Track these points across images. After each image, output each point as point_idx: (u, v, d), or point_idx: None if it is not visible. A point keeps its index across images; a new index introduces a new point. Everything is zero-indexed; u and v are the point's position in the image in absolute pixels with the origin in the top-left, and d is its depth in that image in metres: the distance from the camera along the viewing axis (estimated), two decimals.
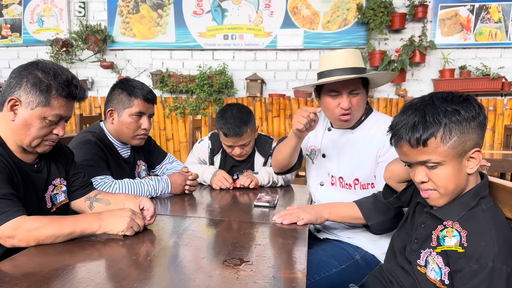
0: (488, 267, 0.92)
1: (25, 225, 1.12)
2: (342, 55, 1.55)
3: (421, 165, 1.04)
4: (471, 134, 1.00)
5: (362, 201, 1.52)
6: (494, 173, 3.59)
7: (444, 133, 0.98)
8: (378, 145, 1.55)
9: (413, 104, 1.05)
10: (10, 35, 5.23)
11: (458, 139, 0.99)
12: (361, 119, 1.63)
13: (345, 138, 1.65)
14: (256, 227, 1.39)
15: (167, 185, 1.80)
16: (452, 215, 1.04)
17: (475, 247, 0.96)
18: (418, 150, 1.02)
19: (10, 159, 1.25)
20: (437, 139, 0.99)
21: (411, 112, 1.03)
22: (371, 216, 1.48)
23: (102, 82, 5.14)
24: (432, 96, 1.04)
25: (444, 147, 0.99)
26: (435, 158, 1.00)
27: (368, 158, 1.58)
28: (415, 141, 1.00)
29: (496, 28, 4.49)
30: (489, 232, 0.96)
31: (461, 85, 4.41)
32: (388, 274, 1.23)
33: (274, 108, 4.77)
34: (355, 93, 1.55)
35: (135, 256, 1.08)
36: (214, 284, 0.92)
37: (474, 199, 1.04)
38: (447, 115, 0.99)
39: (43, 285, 0.90)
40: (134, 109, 1.80)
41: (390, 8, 4.38)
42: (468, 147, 1.01)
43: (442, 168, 1.02)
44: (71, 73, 1.30)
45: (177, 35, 4.94)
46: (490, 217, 1.00)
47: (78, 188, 1.50)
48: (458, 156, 1.01)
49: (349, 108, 1.55)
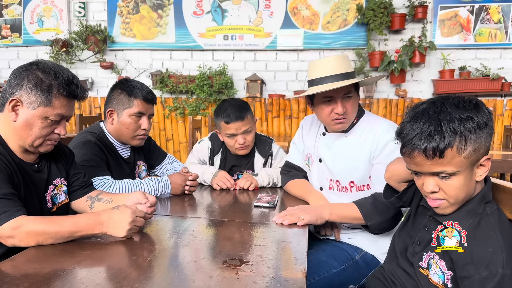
0: (499, 274, 0.91)
1: (25, 225, 1.12)
2: (331, 61, 1.56)
3: (432, 175, 1.00)
4: (484, 142, 0.97)
5: (362, 201, 1.53)
6: (494, 173, 3.59)
7: (460, 142, 0.94)
8: (371, 147, 1.56)
9: (424, 111, 0.99)
10: (10, 35, 5.23)
11: (473, 148, 0.95)
12: (353, 122, 1.64)
13: (339, 142, 1.66)
14: (256, 227, 1.39)
15: (167, 185, 1.80)
16: (460, 222, 1.03)
17: (483, 253, 0.94)
18: (434, 161, 0.96)
19: (10, 158, 1.26)
20: (453, 149, 0.94)
21: (424, 121, 0.97)
22: (370, 217, 1.49)
23: (102, 83, 5.14)
24: (443, 103, 0.98)
25: (460, 158, 0.95)
26: (450, 169, 0.96)
27: (361, 160, 1.59)
28: (432, 152, 0.95)
29: (496, 29, 4.49)
30: (496, 238, 0.95)
31: (461, 86, 4.41)
32: (390, 275, 1.23)
33: (274, 109, 4.77)
34: (348, 97, 1.57)
35: (135, 257, 1.08)
36: (214, 285, 0.92)
37: (480, 205, 1.02)
38: (462, 123, 0.94)
39: (43, 285, 0.89)
40: (134, 109, 1.80)
41: (390, 9, 4.39)
42: (481, 155, 0.98)
43: (455, 179, 0.98)
44: (72, 73, 1.30)
45: (177, 35, 4.94)
46: (495, 221, 0.99)
47: (79, 188, 1.50)
48: (471, 165, 0.98)
49: (344, 112, 1.56)
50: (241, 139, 2.03)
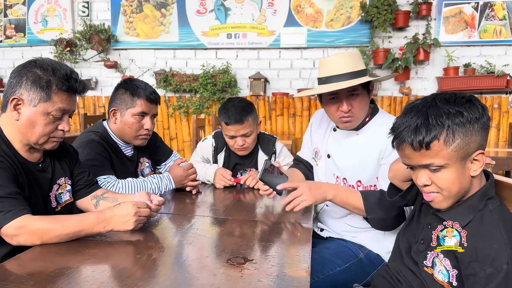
0: (503, 270, 0.91)
1: (30, 224, 1.13)
2: (339, 60, 1.54)
3: (423, 168, 1.02)
4: (474, 136, 0.98)
5: (368, 193, 1.51)
6: (499, 171, 3.56)
7: (447, 135, 0.96)
8: (381, 147, 1.55)
9: (415, 105, 1.03)
10: (14, 35, 5.25)
11: (462, 141, 0.97)
12: (365, 120, 1.63)
13: (349, 139, 1.64)
14: (260, 225, 1.39)
15: (169, 181, 1.80)
16: (460, 218, 1.03)
17: (487, 250, 0.94)
18: (421, 153, 1.00)
19: (15, 158, 1.26)
20: (440, 142, 0.97)
21: (413, 114, 1.01)
22: (372, 210, 1.48)
23: (106, 82, 5.15)
24: (434, 98, 1.02)
25: (447, 150, 0.97)
26: (438, 162, 0.99)
27: (370, 160, 1.57)
28: (418, 144, 0.98)
29: (500, 26, 4.46)
30: (499, 234, 0.95)
31: (466, 83, 4.39)
32: (396, 273, 1.22)
33: (277, 107, 4.77)
34: (354, 94, 1.55)
35: (139, 255, 1.08)
36: (218, 283, 0.92)
37: (481, 201, 1.02)
38: (450, 117, 0.97)
39: (48, 284, 0.90)
40: (137, 109, 1.80)
41: (394, 6, 4.36)
42: (472, 149, 0.99)
43: (445, 171, 1.00)
44: (70, 68, 1.31)
45: (180, 34, 4.95)
46: (498, 217, 0.99)
47: (83, 187, 1.51)
48: (462, 159, 0.99)
49: (349, 110, 1.55)
50: (240, 141, 2.04)
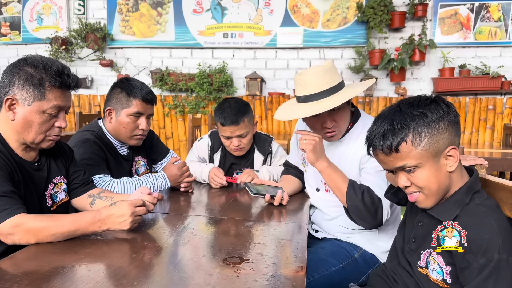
0: (494, 260, 0.93)
1: (25, 223, 1.12)
2: (315, 77, 1.51)
3: (400, 170, 1.07)
4: (442, 133, 1.02)
5: (355, 184, 1.49)
6: (494, 172, 3.59)
7: (414, 136, 1.01)
8: (362, 153, 1.54)
9: (383, 113, 1.09)
10: (9, 33, 5.22)
11: (429, 140, 1.01)
12: (348, 128, 1.62)
13: (334, 146, 1.65)
14: (256, 225, 1.40)
15: (164, 180, 1.80)
16: (448, 213, 1.05)
17: (479, 241, 0.96)
18: (393, 157, 1.04)
19: (11, 157, 1.26)
20: (408, 144, 1.02)
21: (380, 121, 1.07)
22: (351, 199, 1.47)
23: (102, 80, 5.14)
24: (399, 104, 1.08)
25: (417, 150, 1.02)
26: (410, 162, 1.03)
27: (354, 166, 1.58)
28: (387, 149, 1.04)
29: (496, 27, 4.49)
30: (490, 224, 0.97)
31: (461, 84, 4.42)
32: (392, 273, 1.24)
33: (273, 107, 4.77)
34: (336, 109, 1.52)
35: (135, 254, 1.08)
36: (214, 282, 0.92)
37: (467, 195, 1.05)
38: (414, 119, 1.02)
39: (43, 283, 0.90)
40: (132, 109, 1.79)
41: (390, 7, 4.38)
42: (442, 146, 1.02)
43: (420, 171, 1.04)
44: (61, 63, 1.30)
45: (176, 33, 4.94)
46: (486, 209, 1.01)
47: (79, 186, 1.50)
48: (434, 157, 1.03)
49: (333, 125, 1.55)
50: (235, 142, 2.04)
